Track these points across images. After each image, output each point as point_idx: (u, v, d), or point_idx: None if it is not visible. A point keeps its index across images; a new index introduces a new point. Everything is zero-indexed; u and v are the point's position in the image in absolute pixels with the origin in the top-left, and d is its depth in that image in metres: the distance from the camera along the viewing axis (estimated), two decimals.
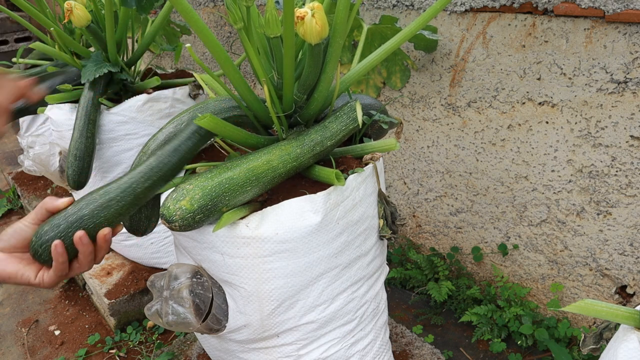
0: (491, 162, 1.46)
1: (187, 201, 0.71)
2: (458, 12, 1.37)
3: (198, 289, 0.85)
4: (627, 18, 1.06)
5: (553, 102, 1.26)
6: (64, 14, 1.26)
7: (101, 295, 1.65)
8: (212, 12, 2.36)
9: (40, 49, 1.48)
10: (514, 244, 1.50)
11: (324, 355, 0.92)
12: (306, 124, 0.91)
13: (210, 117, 0.73)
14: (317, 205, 0.80)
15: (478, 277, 1.67)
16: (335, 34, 0.78)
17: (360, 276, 0.92)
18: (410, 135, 1.67)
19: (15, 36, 3.41)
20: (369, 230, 0.91)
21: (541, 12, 1.21)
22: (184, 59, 2.80)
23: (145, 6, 1.12)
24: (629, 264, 1.27)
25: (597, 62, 1.15)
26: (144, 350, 1.59)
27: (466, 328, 1.56)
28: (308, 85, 0.82)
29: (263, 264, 0.80)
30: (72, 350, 1.63)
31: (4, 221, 2.50)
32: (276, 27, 0.74)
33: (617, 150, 1.19)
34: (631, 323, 0.61)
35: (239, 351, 0.93)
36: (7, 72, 1.52)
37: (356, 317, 0.94)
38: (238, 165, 0.77)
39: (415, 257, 1.72)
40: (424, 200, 1.73)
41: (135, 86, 1.54)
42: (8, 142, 3.35)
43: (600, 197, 1.26)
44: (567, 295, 1.44)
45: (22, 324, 1.78)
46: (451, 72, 1.46)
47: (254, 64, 0.80)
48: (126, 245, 1.73)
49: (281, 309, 0.84)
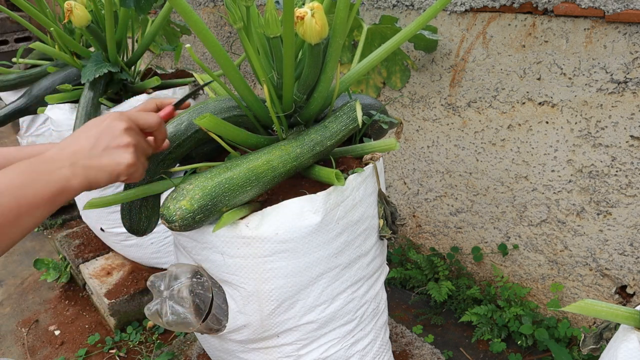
0: (491, 162, 1.46)
1: (187, 201, 0.71)
2: (458, 12, 1.37)
3: (198, 289, 0.85)
4: (627, 18, 1.06)
5: (553, 102, 1.26)
6: (64, 14, 1.26)
7: (101, 295, 1.65)
8: (212, 12, 2.36)
9: (40, 49, 1.48)
10: (514, 244, 1.50)
11: (324, 355, 0.92)
12: (306, 123, 0.91)
13: (210, 117, 0.73)
14: (317, 205, 0.80)
15: (478, 277, 1.67)
16: (335, 34, 0.78)
17: (360, 276, 0.92)
18: (410, 135, 1.67)
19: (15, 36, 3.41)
20: (369, 230, 0.91)
21: (541, 12, 1.21)
22: (184, 59, 2.80)
23: (144, 7, 1.12)
24: (629, 264, 1.27)
25: (597, 62, 1.15)
26: (144, 350, 1.59)
27: (466, 328, 1.56)
28: (308, 85, 0.82)
29: (263, 264, 0.80)
30: (72, 350, 1.63)
31: None
32: (276, 27, 0.74)
33: (617, 150, 1.19)
34: (631, 323, 0.61)
35: (239, 351, 0.93)
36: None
37: (356, 317, 0.94)
38: (238, 165, 0.77)
39: (415, 257, 1.72)
40: (424, 200, 1.73)
41: (135, 86, 1.54)
42: (8, 142, 3.35)
43: (600, 197, 1.26)
44: (567, 295, 1.44)
45: (22, 324, 1.78)
46: (451, 72, 1.46)
47: (253, 64, 0.80)
48: (126, 245, 1.73)
49: (281, 309, 0.84)
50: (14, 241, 0.61)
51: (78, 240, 1.98)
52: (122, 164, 0.67)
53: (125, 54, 1.50)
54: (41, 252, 2.20)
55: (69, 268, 1.93)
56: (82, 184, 0.65)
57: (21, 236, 0.61)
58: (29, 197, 0.60)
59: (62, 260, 1.98)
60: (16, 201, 0.59)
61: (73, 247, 1.94)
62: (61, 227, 2.31)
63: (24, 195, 0.60)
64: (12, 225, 0.59)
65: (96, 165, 0.66)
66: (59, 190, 0.63)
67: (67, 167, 0.64)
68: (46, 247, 2.22)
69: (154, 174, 0.86)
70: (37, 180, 0.61)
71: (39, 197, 0.61)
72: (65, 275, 1.92)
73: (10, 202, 0.58)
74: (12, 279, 2.03)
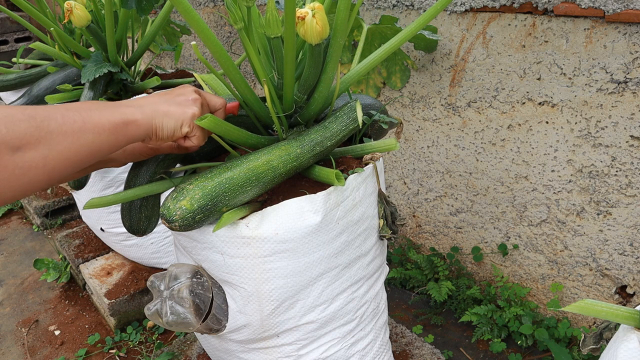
0: (491, 162, 1.46)
1: (187, 201, 0.71)
2: (458, 12, 1.37)
3: (198, 289, 0.85)
4: (627, 18, 1.06)
5: (553, 102, 1.26)
6: (64, 14, 1.25)
7: (101, 295, 1.65)
8: (212, 12, 2.36)
9: (40, 49, 1.48)
10: (514, 244, 1.50)
11: (324, 355, 0.92)
12: (306, 124, 0.91)
13: (211, 118, 0.73)
14: (317, 205, 0.80)
15: (478, 277, 1.67)
16: (336, 34, 0.78)
17: (360, 276, 0.92)
18: (410, 135, 1.67)
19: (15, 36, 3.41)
20: (369, 230, 0.91)
21: (541, 12, 1.21)
22: (183, 59, 2.80)
23: (145, 7, 1.12)
24: (629, 264, 1.27)
25: (597, 62, 1.15)
26: (144, 350, 1.59)
27: (466, 328, 1.56)
28: (308, 86, 0.82)
29: (263, 264, 0.80)
30: (72, 350, 1.63)
31: (4, 221, 2.50)
32: (277, 28, 0.74)
33: (617, 150, 1.19)
34: (631, 323, 0.61)
35: (239, 351, 0.93)
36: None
37: (356, 317, 0.94)
38: (238, 165, 0.77)
39: (415, 257, 1.72)
40: (424, 200, 1.73)
41: (135, 86, 1.54)
42: None
43: (600, 197, 1.26)
44: (567, 295, 1.44)
45: (22, 324, 1.78)
46: (451, 72, 1.46)
47: (254, 64, 0.80)
48: (126, 245, 1.73)
49: (281, 309, 0.84)
50: (78, 160, 0.60)
51: (78, 240, 1.98)
52: (188, 113, 0.71)
53: (125, 54, 1.50)
54: (41, 252, 2.20)
55: (69, 268, 1.93)
56: (148, 125, 0.67)
57: (84, 157, 0.60)
58: (94, 117, 0.61)
59: (62, 260, 1.98)
60: (81, 117, 0.59)
61: (73, 247, 1.94)
62: (61, 227, 2.31)
63: (90, 115, 0.61)
64: (76, 138, 0.58)
65: (164, 110, 0.69)
66: (124, 120, 0.64)
67: (134, 108, 0.67)
68: (46, 247, 2.22)
69: (153, 173, 0.86)
70: (104, 107, 0.63)
71: (104, 119, 0.62)
72: (65, 275, 1.92)
73: (75, 116, 0.59)
74: (12, 279, 2.03)
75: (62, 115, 0.57)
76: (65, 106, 0.60)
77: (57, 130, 0.56)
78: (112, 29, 1.32)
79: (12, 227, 2.43)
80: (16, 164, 0.53)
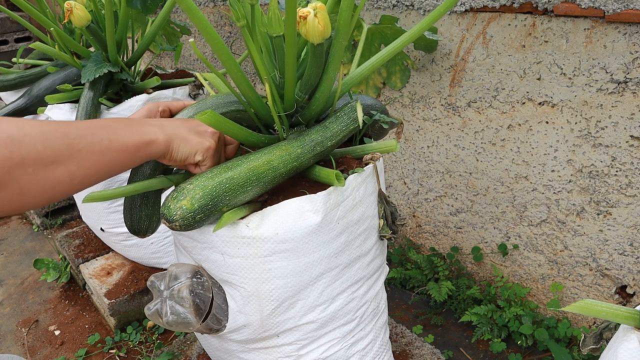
0: (491, 162, 1.46)
1: (188, 201, 0.71)
2: (458, 12, 1.37)
3: (198, 289, 0.85)
4: (627, 18, 1.06)
5: (553, 102, 1.27)
6: (64, 14, 1.26)
7: (101, 295, 1.65)
8: (212, 12, 2.36)
9: (40, 49, 1.48)
10: (514, 244, 1.50)
11: (324, 355, 0.92)
12: (307, 124, 0.91)
13: (211, 114, 0.73)
14: (317, 205, 0.80)
15: (478, 277, 1.67)
16: (338, 34, 0.78)
17: (360, 276, 0.92)
18: (410, 135, 1.67)
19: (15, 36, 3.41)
20: (369, 230, 0.91)
21: (541, 12, 1.21)
22: (183, 59, 2.80)
23: (150, 6, 1.12)
24: (629, 264, 1.27)
25: (597, 62, 1.15)
26: (144, 350, 1.59)
27: (466, 328, 1.56)
28: (310, 86, 0.82)
29: (263, 264, 0.80)
30: (72, 350, 1.63)
31: (4, 221, 2.50)
32: (278, 27, 0.74)
33: (617, 150, 1.19)
34: (631, 323, 0.61)
35: (239, 351, 0.93)
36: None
37: (356, 317, 0.94)
38: (238, 165, 0.77)
39: (415, 257, 1.72)
40: (424, 200, 1.73)
41: (135, 86, 1.54)
42: None
43: (600, 197, 1.26)
44: (567, 295, 1.44)
45: (22, 324, 1.78)
46: (451, 72, 1.46)
47: (256, 62, 0.80)
48: (126, 245, 1.73)
49: (281, 309, 0.84)
50: (101, 176, 0.64)
51: (78, 240, 1.98)
52: (204, 144, 0.76)
53: (125, 54, 1.50)
54: (41, 252, 2.20)
55: (69, 268, 1.93)
56: (166, 145, 0.71)
57: (107, 173, 0.64)
58: (120, 136, 0.64)
59: (62, 260, 1.98)
60: (108, 136, 0.63)
61: (73, 247, 1.94)
62: (61, 227, 2.31)
63: (116, 133, 0.64)
64: (102, 156, 0.62)
65: (183, 137, 0.73)
66: (146, 141, 0.68)
67: (156, 127, 0.71)
68: (46, 247, 2.22)
69: (154, 170, 0.86)
70: (129, 125, 0.67)
71: (129, 139, 0.66)
72: (65, 275, 1.92)
73: (102, 134, 0.62)
74: (12, 279, 2.03)
75: (92, 134, 0.61)
76: (95, 124, 0.64)
77: (87, 148, 0.60)
78: (112, 29, 1.32)
79: (12, 227, 2.43)
80: (47, 179, 0.57)
